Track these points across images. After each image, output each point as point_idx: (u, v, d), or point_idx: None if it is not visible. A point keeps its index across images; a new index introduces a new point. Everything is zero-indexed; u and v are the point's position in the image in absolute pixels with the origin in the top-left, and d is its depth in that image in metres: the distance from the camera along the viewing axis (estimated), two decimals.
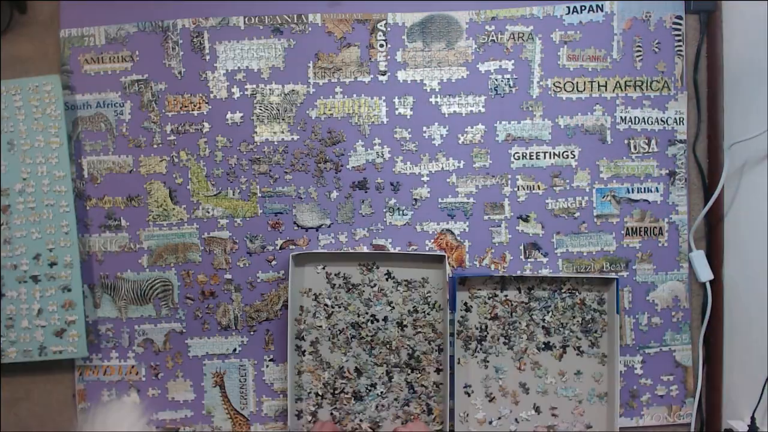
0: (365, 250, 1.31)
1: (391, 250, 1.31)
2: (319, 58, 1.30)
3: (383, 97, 1.30)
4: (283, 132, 1.31)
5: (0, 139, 1.28)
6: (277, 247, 1.31)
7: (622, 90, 1.29)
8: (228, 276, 1.32)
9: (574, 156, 1.30)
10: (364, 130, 1.30)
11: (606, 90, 1.29)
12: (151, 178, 1.32)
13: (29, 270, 1.29)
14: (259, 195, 1.31)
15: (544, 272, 1.30)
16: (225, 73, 1.31)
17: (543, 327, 1.29)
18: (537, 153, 1.30)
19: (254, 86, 1.31)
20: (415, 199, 1.30)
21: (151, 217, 1.32)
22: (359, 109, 1.30)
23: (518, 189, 1.30)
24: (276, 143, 1.31)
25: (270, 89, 1.31)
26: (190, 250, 1.32)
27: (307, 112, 1.30)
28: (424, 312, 1.29)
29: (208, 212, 1.31)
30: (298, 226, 1.31)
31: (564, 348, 1.30)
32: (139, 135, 1.32)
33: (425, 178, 1.30)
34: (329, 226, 1.31)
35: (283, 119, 1.31)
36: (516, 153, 1.30)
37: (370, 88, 1.30)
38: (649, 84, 1.29)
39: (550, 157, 1.30)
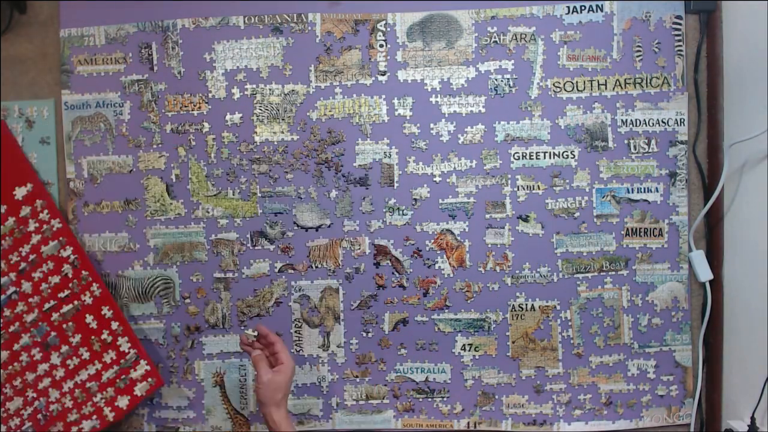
0: (367, 250, 1.31)
1: (393, 252, 1.31)
2: (321, 61, 1.30)
3: (383, 96, 1.30)
4: (283, 132, 1.31)
5: None
6: (276, 270, 1.32)
7: (622, 88, 1.29)
8: (217, 275, 1.32)
9: (574, 156, 1.29)
10: (366, 130, 1.30)
11: (606, 89, 1.29)
12: (149, 173, 1.32)
13: None
14: (259, 195, 1.31)
15: (543, 270, 1.30)
16: (224, 73, 1.31)
17: None
18: (537, 153, 1.30)
19: (254, 86, 1.31)
20: (415, 199, 1.30)
21: (148, 213, 1.32)
22: (359, 109, 1.30)
23: (518, 189, 1.30)
24: (276, 143, 1.31)
25: (270, 89, 1.31)
26: (196, 249, 1.32)
27: (308, 113, 1.30)
28: None
29: (208, 212, 1.32)
30: (298, 226, 1.31)
31: None
32: (139, 135, 1.32)
33: (426, 178, 1.30)
34: (329, 226, 1.31)
35: (283, 119, 1.31)
36: (516, 153, 1.30)
37: (371, 89, 1.30)
38: (648, 80, 1.29)
39: (550, 157, 1.30)
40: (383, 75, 1.30)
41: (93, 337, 1.28)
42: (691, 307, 1.31)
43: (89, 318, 1.28)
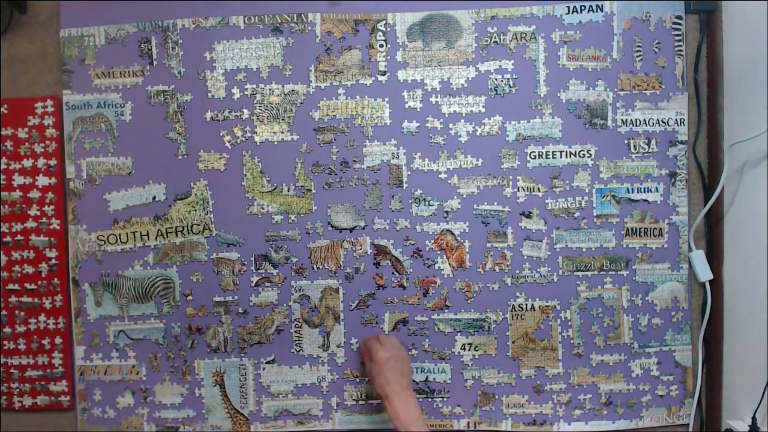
0: (369, 250, 1.31)
1: (393, 252, 1.31)
2: (321, 61, 1.30)
3: (386, 99, 1.30)
4: (283, 132, 1.31)
5: None
6: (252, 284, 1.32)
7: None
8: (217, 299, 1.32)
9: (590, 155, 1.29)
10: (367, 132, 1.30)
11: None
12: (208, 173, 1.32)
13: None
14: (314, 191, 1.31)
15: (543, 270, 1.30)
16: (224, 73, 1.31)
17: None
18: (536, 153, 1.29)
19: (254, 86, 1.31)
20: (418, 199, 1.30)
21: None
22: (362, 111, 1.30)
23: (518, 190, 1.30)
24: (276, 143, 1.31)
25: (270, 89, 1.31)
26: (196, 249, 1.32)
27: (310, 113, 1.30)
28: None
29: (263, 208, 1.31)
30: (332, 227, 1.31)
31: None
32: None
33: (427, 178, 1.30)
34: (363, 228, 1.31)
35: (283, 119, 1.31)
36: (516, 154, 1.29)
37: (371, 89, 1.30)
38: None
39: (548, 157, 1.29)
40: (383, 75, 1.30)
41: (35, 337, 1.33)
42: (691, 307, 1.31)
43: (41, 319, 1.34)
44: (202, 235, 1.32)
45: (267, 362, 1.33)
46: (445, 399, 1.33)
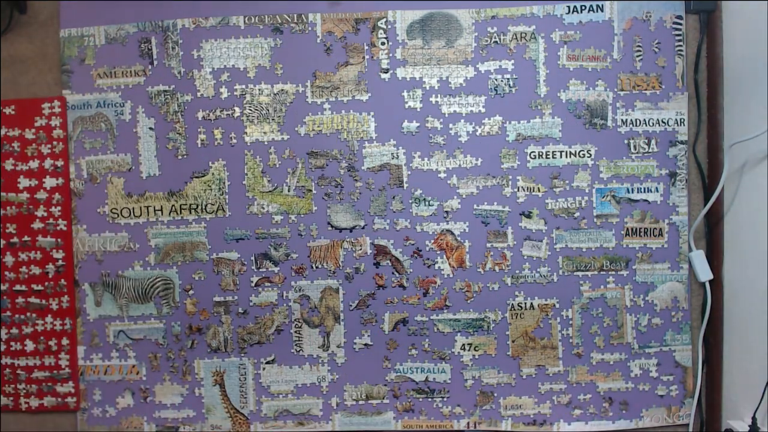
0: (369, 250, 1.31)
1: (393, 252, 1.31)
2: (317, 77, 1.30)
3: (372, 113, 1.30)
4: (273, 132, 1.31)
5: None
6: (252, 284, 1.32)
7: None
8: (217, 299, 1.33)
9: (591, 154, 1.29)
10: (353, 146, 1.30)
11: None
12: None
13: None
14: (314, 192, 1.31)
15: (543, 270, 1.30)
16: (211, 72, 1.31)
17: None
18: (536, 153, 1.29)
19: (243, 87, 1.31)
20: (419, 200, 1.30)
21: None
22: (348, 125, 1.30)
23: (518, 190, 1.30)
24: (267, 143, 1.31)
25: (259, 89, 1.31)
26: (197, 249, 1.32)
27: (304, 120, 1.31)
28: None
29: (263, 208, 1.32)
30: (332, 226, 1.31)
31: None
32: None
33: (443, 176, 1.30)
34: (363, 228, 1.31)
35: (273, 119, 1.31)
36: (516, 153, 1.30)
37: (368, 105, 1.30)
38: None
39: (548, 157, 1.29)
40: (386, 73, 1.30)
41: (42, 337, 1.34)
42: (691, 307, 1.31)
43: (48, 320, 1.33)
44: (216, 215, 1.32)
45: (267, 362, 1.33)
46: (445, 399, 1.33)
